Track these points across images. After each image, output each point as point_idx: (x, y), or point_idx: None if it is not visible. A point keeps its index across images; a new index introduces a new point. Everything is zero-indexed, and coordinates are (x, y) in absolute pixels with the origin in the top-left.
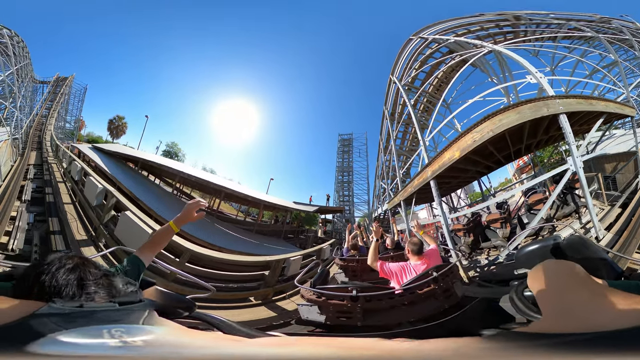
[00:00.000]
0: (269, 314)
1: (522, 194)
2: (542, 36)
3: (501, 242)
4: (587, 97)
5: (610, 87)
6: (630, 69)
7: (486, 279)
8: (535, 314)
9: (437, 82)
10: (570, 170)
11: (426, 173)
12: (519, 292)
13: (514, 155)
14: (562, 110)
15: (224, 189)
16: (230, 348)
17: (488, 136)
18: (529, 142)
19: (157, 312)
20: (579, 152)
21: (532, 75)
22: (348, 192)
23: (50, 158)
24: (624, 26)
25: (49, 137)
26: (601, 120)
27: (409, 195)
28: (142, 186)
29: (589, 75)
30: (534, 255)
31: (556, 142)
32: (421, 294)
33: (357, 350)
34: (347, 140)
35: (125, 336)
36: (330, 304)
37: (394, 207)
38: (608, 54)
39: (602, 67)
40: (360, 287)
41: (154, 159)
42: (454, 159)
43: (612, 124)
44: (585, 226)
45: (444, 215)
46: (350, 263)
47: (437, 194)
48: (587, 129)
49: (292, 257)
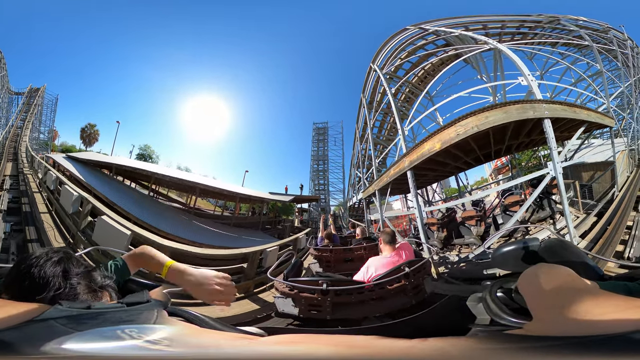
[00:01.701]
0: (253, 307)
1: (498, 194)
2: (544, 41)
3: (474, 240)
4: (572, 104)
5: (592, 96)
6: (612, 80)
7: (454, 276)
8: (507, 316)
9: (423, 74)
10: (550, 175)
11: (403, 163)
12: (493, 293)
13: (494, 155)
14: (548, 115)
15: (199, 185)
16: (246, 346)
17: (472, 131)
18: (510, 143)
19: (166, 312)
20: (559, 157)
21: (525, 78)
22: (324, 180)
23: (25, 169)
24: (615, 36)
25: (24, 148)
26: (582, 129)
27: (384, 185)
28: (117, 192)
29: (574, 82)
30: (511, 256)
31: (536, 147)
32: (391, 289)
33: (358, 348)
34: (322, 129)
35: (143, 336)
36: (302, 297)
37: (368, 196)
38: (595, 63)
39: (587, 75)
40: (330, 281)
41: (127, 163)
42: (434, 150)
43: (591, 133)
44: (560, 232)
45: (419, 208)
46: (324, 253)
47: (414, 185)
48: (568, 136)
49: (269, 248)
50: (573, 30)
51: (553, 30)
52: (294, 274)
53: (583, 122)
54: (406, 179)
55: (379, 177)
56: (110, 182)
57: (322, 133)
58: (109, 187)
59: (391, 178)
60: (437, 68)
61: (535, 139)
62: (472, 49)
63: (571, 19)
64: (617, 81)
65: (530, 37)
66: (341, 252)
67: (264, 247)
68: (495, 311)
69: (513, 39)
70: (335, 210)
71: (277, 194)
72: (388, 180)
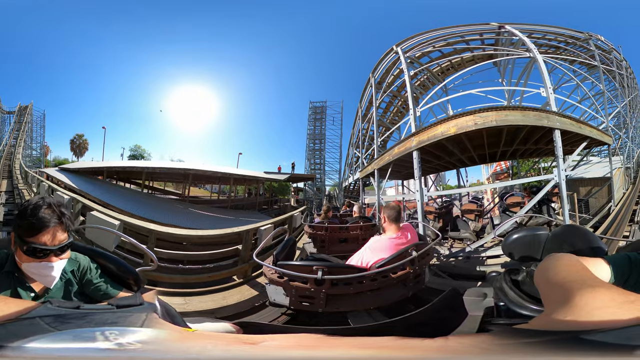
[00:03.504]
0: (252, 292)
1: (497, 192)
2: (567, 57)
3: (469, 235)
4: (578, 120)
5: (593, 114)
6: (610, 99)
7: (444, 270)
8: (530, 304)
9: (447, 65)
10: (555, 181)
11: (410, 142)
12: (508, 282)
13: (499, 156)
14: (559, 126)
15: (190, 171)
16: (239, 352)
17: (490, 124)
18: (517, 147)
19: (158, 316)
20: (564, 165)
21: (545, 90)
22: (320, 160)
23: (20, 184)
24: (615, 57)
25: (18, 166)
26: (584, 144)
27: (384, 164)
28: (110, 193)
29: (580, 100)
30: (523, 242)
31: (539, 157)
32: (394, 278)
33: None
34: (319, 107)
35: (119, 338)
36: (293, 287)
37: (365, 176)
38: (599, 83)
39: (592, 94)
40: (327, 267)
41: (116, 164)
42: (448, 134)
43: (591, 149)
44: None
45: (422, 191)
46: (318, 231)
47: (419, 166)
48: (570, 150)
49: (263, 227)
50: (591, 50)
51: (576, 47)
52: (284, 256)
53: (585, 137)
54: (408, 161)
55: (379, 156)
56: (103, 186)
57: (320, 112)
58: (101, 190)
59: (394, 157)
60: (464, 63)
61: (541, 148)
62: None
63: (598, 39)
64: (614, 101)
65: (560, 52)
66: (337, 230)
67: (257, 226)
68: (517, 301)
69: (547, 51)
70: (331, 191)
71: (272, 172)
72: (390, 159)
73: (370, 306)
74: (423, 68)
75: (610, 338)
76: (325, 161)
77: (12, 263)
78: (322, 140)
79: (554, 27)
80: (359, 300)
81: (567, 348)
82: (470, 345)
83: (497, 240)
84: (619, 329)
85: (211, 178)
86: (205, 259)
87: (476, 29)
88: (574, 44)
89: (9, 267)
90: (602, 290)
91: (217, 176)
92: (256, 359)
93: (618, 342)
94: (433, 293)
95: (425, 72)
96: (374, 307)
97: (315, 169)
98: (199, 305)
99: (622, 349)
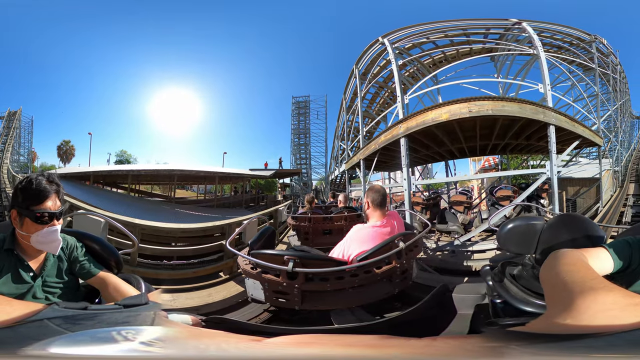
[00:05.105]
0: (238, 289)
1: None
2: (568, 58)
3: (457, 229)
4: (572, 118)
5: (586, 114)
6: (602, 102)
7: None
8: (533, 300)
9: (440, 58)
10: (546, 175)
11: (398, 129)
12: (509, 276)
13: (490, 150)
14: (554, 122)
15: (174, 171)
16: (248, 349)
17: (486, 113)
18: (508, 142)
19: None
20: (557, 160)
21: (544, 87)
22: (305, 154)
23: (8, 188)
24: (612, 61)
25: (6, 170)
26: (576, 143)
27: (370, 154)
28: (97, 196)
29: (574, 100)
30: (518, 232)
31: (529, 154)
32: (378, 273)
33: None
34: (302, 102)
35: (138, 337)
36: (266, 280)
37: (351, 168)
38: (594, 85)
39: (587, 96)
40: (299, 258)
41: (102, 168)
42: (439, 120)
43: (581, 149)
44: None
45: (409, 179)
46: (301, 222)
47: (406, 153)
48: (561, 149)
49: (247, 220)
50: (591, 52)
51: (579, 48)
52: (260, 246)
53: (578, 137)
54: (395, 151)
55: (365, 146)
56: (90, 190)
57: (303, 107)
58: (88, 194)
59: (380, 145)
60: (459, 56)
61: (532, 145)
62: (512, 48)
63: (600, 42)
64: (606, 104)
65: (562, 52)
66: (320, 221)
67: (240, 219)
68: (521, 297)
69: (549, 50)
70: (317, 185)
71: (258, 169)
72: (376, 147)
73: (352, 304)
74: (413, 58)
75: (613, 342)
76: (311, 155)
77: (11, 241)
78: (307, 135)
79: (565, 26)
80: (340, 297)
81: (567, 353)
82: (457, 346)
83: (485, 235)
84: (621, 332)
85: (197, 178)
86: (190, 254)
87: (482, 23)
88: (577, 45)
89: (9, 244)
90: (604, 292)
91: (202, 175)
92: (264, 355)
93: (621, 345)
94: (420, 289)
95: (415, 62)
96: (357, 305)
97: (301, 164)
98: (185, 302)
99: (626, 353)
